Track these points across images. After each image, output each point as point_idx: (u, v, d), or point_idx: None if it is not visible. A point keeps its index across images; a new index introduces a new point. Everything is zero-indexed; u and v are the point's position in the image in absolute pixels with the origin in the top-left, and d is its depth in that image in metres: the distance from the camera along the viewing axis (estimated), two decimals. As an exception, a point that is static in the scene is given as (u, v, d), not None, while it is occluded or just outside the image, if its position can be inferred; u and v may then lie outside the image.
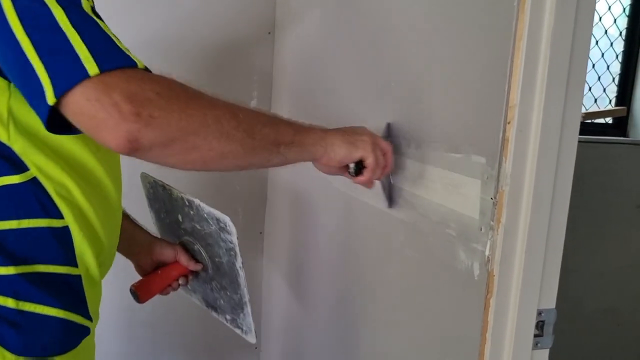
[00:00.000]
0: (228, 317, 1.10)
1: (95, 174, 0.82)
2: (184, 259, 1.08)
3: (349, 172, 0.86)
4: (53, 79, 0.61)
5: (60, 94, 0.61)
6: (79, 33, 0.63)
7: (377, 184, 0.96)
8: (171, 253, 1.09)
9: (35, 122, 0.71)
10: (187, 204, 1.00)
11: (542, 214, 0.73)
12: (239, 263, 0.96)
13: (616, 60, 2.27)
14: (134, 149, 0.64)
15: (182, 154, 0.68)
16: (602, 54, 2.25)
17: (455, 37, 0.83)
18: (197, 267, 1.08)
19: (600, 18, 2.21)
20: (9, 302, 0.76)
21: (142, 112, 0.62)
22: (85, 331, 0.87)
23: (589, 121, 2.26)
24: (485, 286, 0.75)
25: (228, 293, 1.05)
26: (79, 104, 0.62)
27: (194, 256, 1.08)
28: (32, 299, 0.77)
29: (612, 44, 2.25)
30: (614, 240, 2.27)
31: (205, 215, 0.96)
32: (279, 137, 0.76)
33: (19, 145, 0.74)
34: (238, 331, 1.09)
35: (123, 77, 0.63)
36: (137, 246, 1.09)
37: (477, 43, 0.78)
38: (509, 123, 0.71)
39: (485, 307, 0.76)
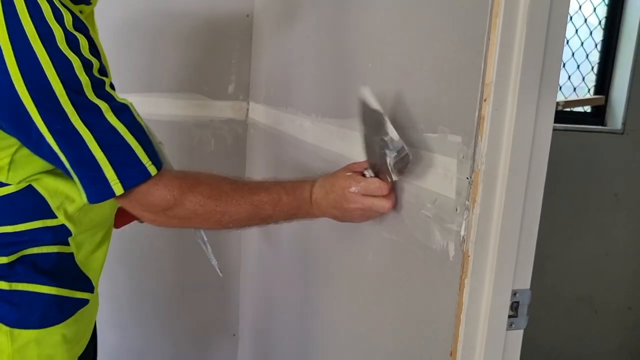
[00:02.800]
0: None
1: None
2: None
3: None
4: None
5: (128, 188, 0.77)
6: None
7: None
8: None
9: (36, 164, 0.80)
10: None
11: (517, 194, 0.72)
12: None
13: (595, 49, 2.28)
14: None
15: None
16: (582, 43, 2.26)
17: (431, 14, 0.82)
18: None
19: (580, 7, 2.22)
20: (2, 285, 0.83)
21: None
22: (81, 303, 0.90)
23: (568, 110, 2.27)
24: (460, 267, 0.75)
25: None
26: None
27: None
28: (24, 280, 0.83)
29: (591, 33, 2.26)
30: (591, 228, 2.29)
31: None
32: (270, 219, 0.87)
33: (16, 179, 0.81)
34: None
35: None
36: None
37: (453, 20, 0.77)
38: (484, 101, 0.70)
39: (460, 287, 0.75)
